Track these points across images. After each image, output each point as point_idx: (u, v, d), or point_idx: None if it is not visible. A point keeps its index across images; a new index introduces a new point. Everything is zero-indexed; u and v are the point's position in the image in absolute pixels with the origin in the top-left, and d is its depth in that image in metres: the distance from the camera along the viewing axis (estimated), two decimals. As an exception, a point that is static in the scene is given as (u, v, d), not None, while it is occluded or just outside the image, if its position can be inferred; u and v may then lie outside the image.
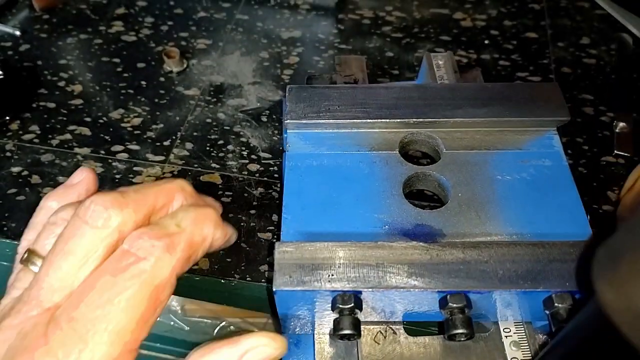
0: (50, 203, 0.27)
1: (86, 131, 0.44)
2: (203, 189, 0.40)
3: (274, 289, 0.25)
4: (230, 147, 0.43)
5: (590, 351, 0.24)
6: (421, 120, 0.31)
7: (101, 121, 0.45)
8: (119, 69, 0.49)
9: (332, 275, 0.25)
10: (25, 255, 0.25)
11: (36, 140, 0.43)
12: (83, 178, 0.28)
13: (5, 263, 0.43)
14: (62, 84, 0.48)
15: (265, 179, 0.41)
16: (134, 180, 0.41)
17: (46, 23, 0.53)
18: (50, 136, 0.44)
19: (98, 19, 0.54)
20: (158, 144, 0.43)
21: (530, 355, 0.27)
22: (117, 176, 0.41)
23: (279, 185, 0.40)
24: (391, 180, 0.29)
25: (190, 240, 0.24)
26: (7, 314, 0.23)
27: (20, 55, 0.50)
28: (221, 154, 0.42)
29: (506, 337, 0.27)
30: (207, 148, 0.43)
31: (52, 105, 0.46)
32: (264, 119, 0.45)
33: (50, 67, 0.49)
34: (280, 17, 0.54)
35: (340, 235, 0.27)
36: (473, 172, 0.29)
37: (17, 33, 0.52)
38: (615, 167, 0.41)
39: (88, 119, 0.45)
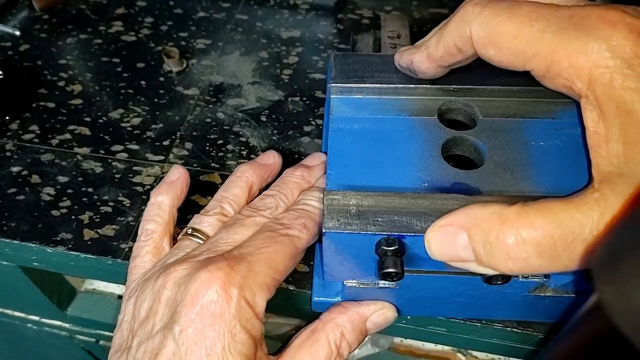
0: (160, 198, 0.35)
1: (86, 131, 0.44)
2: (202, 188, 0.40)
3: (323, 231, 0.27)
4: (229, 146, 0.43)
5: (590, 351, 0.24)
6: (460, 87, 0.32)
7: (101, 121, 0.45)
8: (119, 69, 0.49)
9: (377, 220, 0.26)
10: (189, 230, 0.33)
11: (36, 140, 0.43)
12: (180, 175, 0.36)
13: (4, 262, 0.43)
14: (62, 83, 0.48)
15: (265, 178, 0.41)
16: (133, 180, 0.41)
17: (46, 23, 0.53)
18: (50, 136, 0.44)
19: (98, 19, 0.54)
20: (158, 143, 0.43)
21: None
22: (117, 176, 0.41)
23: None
24: (430, 142, 0.30)
25: (314, 220, 0.32)
26: (189, 256, 0.30)
27: (20, 55, 0.50)
28: (220, 154, 0.42)
29: None
30: (207, 148, 0.43)
31: (52, 105, 0.46)
32: (264, 118, 0.45)
33: (50, 67, 0.49)
34: (280, 17, 0.54)
35: (382, 189, 0.28)
36: (508, 138, 0.30)
37: (17, 33, 0.52)
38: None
39: (88, 119, 0.45)
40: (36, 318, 0.55)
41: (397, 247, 0.26)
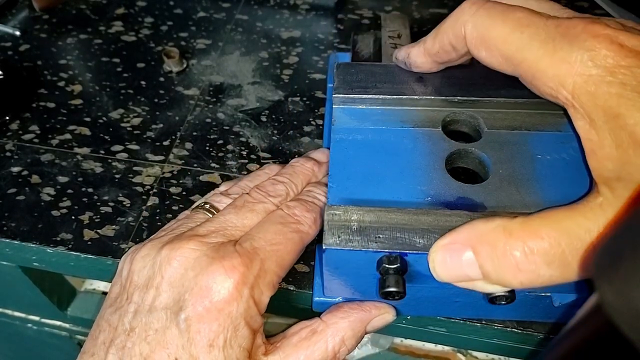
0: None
1: (86, 131, 0.44)
2: (202, 189, 0.40)
3: (324, 248, 0.26)
4: (229, 147, 0.43)
5: (590, 351, 0.24)
6: (465, 98, 0.31)
7: (101, 121, 0.45)
8: (119, 69, 0.49)
9: (379, 237, 0.26)
10: (207, 205, 0.34)
11: (36, 140, 0.43)
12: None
13: (4, 262, 0.43)
14: (62, 83, 0.48)
15: (265, 178, 0.41)
16: (133, 180, 0.41)
17: (46, 23, 0.53)
18: (50, 136, 0.44)
19: (98, 19, 0.54)
20: (158, 143, 0.43)
21: None
22: (117, 176, 0.41)
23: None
24: (434, 155, 0.29)
25: (321, 214, 0.32)
26: (197, 234, 0.30)
27: (20, 55, 0.50)
28: (221, 154, 0.42)
29: None
30: (207, 148, 0.43)
31: (52, 105, 0.46)
32: (264, 118, 0.45)
33: (50, 67, 0.49)
34: (280, 17, 0.54)
35: (384, 204, 0.28)
36: (513, 151, 0.29)
37: (17, 33, 0.52)
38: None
39: (88, 119, 0.45)
40: (36, 318, 0.55)
41: (399, 265, 0.25)
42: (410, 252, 0.25)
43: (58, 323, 0.55)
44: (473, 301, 0.31)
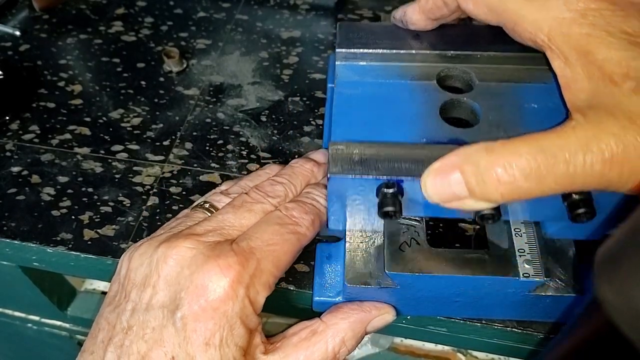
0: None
1: (86, 131, 0.44)
2: (202, 189, 0.40)
3: (328, 176, 0.29)
4: (229, 146, 0.43)
5: (590, 350, 0.24)
6: (458, 52, 0.34)
7: (101, 121, 0.45)
8: (119, 69, 0.49)
9: (378, 166, 0.28)
10: (207, 205, 0.34)
11: (36, 140, 0.43)
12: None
13: (4, 262, 0.43)
14: (62, 83, 0.48)
15: (265, 178, 0.41)
16: (133, 180, 0.41)
17: (46, 23, 0.53)
18: (50, 136, 0.44)
19: (98, 19, 0.54)
20: (158, 143, 0.43)
21: (540, 271, 0.30)
22: (117, 176, 0.41)
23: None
24: (429, 104, 0.32)
25: (321, 218, 0.33)
26: (194, 233, 0.31)
27: (20, 55, 0.50)
28: (221, 154, 0.42)
29: (520, 256, 0.30)
30: (207, 148, 0.43)
31: (52, 105, 0.46)
32: (264, 118, 0.45)
33: (50, 67, 0.49)
34: (280, 17, 0.54)
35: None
36: (503, 100, 0.32)
37: (17, 33, 0.52)
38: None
39: (88, 119, 0.45)
40: (36, 318, 0.55)
41: (396, 189, 0.28)
42: (406, 177, 0.28)
43: (58, 323, 0.55)
44: (473, 301, 0.32)
